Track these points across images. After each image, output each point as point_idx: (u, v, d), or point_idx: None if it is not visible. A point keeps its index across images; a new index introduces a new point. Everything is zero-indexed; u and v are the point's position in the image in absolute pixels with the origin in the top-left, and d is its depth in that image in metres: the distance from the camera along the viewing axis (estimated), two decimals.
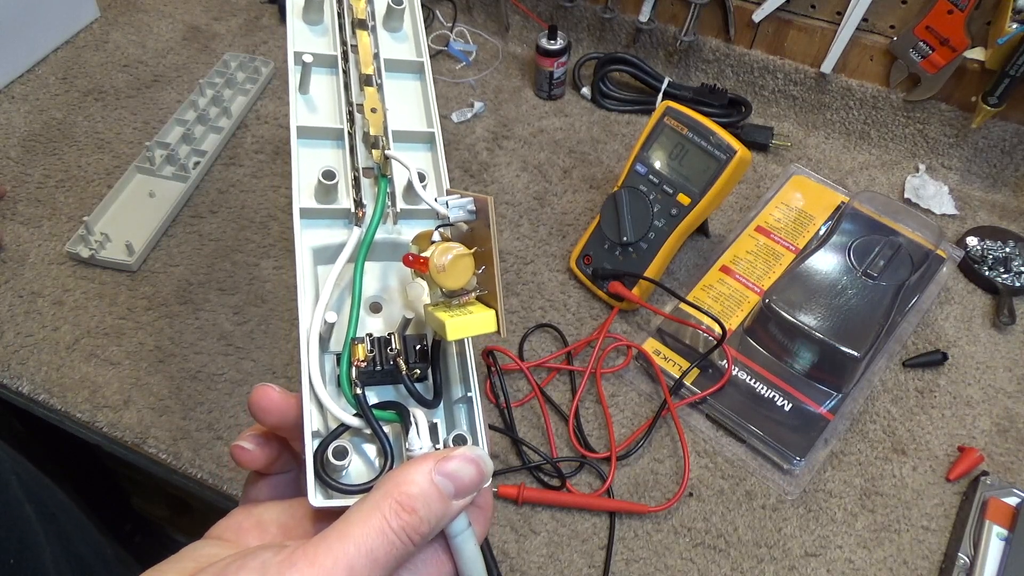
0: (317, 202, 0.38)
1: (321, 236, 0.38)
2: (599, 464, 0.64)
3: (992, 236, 0.79)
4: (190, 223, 0.80)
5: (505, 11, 0.99)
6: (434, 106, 0.42)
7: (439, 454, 0.30)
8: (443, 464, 0.29)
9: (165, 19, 1.03)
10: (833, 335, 0.65)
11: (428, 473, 0.29)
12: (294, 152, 0.39)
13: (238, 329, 0.72)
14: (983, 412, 0.68)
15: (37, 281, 0.75)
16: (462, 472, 0.29)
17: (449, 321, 0.32)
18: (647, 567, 0.59)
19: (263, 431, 0.35)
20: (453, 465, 0.29)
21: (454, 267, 0.33)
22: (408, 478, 0.28)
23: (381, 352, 0.35)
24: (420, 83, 0.44)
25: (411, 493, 0.28)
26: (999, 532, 0.59)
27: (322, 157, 0.40)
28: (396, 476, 0.29)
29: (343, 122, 0.40)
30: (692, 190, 0.70)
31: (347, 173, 0.39)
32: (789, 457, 0.63)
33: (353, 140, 0.40)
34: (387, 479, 0.29)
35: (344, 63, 0.42)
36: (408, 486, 0.28)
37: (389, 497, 0.28)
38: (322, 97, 0.42)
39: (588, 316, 0.74)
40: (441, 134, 0.42)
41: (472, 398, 0.36)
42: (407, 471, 0.29)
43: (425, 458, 0.30)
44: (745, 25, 0.89)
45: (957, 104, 0.84)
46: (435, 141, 0.42)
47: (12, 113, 0.90)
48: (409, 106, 0.43)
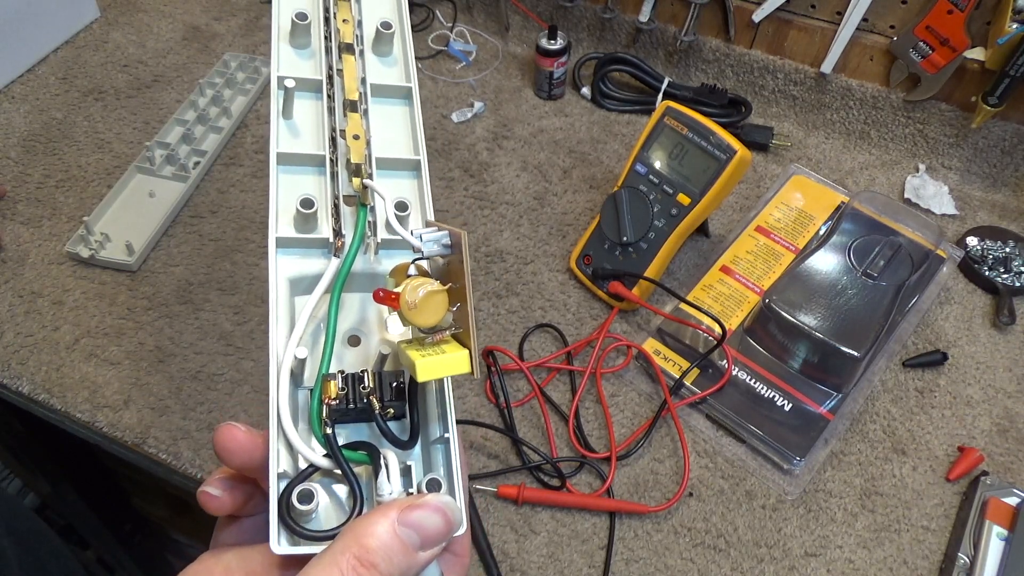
0: (296, 231, 0.37)
1: (298, 266, 0.37)
2: (599, 464, 0.64)
3: (992, 236, 0.79)
4: (190, 223, 0.80)
5: (505, 11, 0.99)
6: (421, 133, 0.41)
7: (404, 502, 0.28)
8: (407, 514, 0.27)
9: (165, 19, 1.03)
10: (833, 335, 0.65)
11: (391, 524, 0.27)
12: (272, 179, 0.37)
13: (238, 329, 0.72)
14: (983, 412, 0.68)
15: (37, 281, 0.75)
16: (427, 523, 0.27)
17: (420, 361, 0.31)
18: (647, 567, 0.59)
19: (231, 473, 0.33)
20: (418, 515, 0.27)
21: (426, 304, 0.32)
22: (369, 530, 0.27)
23: (354, 389, 0.33)
24: (408, 109, 0.42)
25: (370, 547, 0.26)
26: (999, 532, 0.59)
27: (303, 184, 0.38)
28: (357, 527, 0.27)
29: (325, 148, 0.39)
30: (692, 190, 0.70)
31: (327, 201, 0.38)
32: (789, 457, 0.63)
33: (335, 167, 0.39)
34: (348, 529, 0.27)
35: (329, 87, 0.41)
36: (368, 539, 0.26)
37: (348, 551, 0.26)
38: (305, 122, 0.40)
39: (588, 316, 0.74)
40: (427, 162, 0.40)
41: (449, 439, 0.34)
42: (368, 522, 0.27)
43: (388, 507, 0.28)
44: (745, 25, 0.89)
45: (957, 104, 0.84)
46: (420, 169, 0.40)
47: (12, 113, 0.90)
48: (395, 132, 0.42)
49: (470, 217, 0.82)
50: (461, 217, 0.82)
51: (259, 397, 0.67)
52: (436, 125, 0.91)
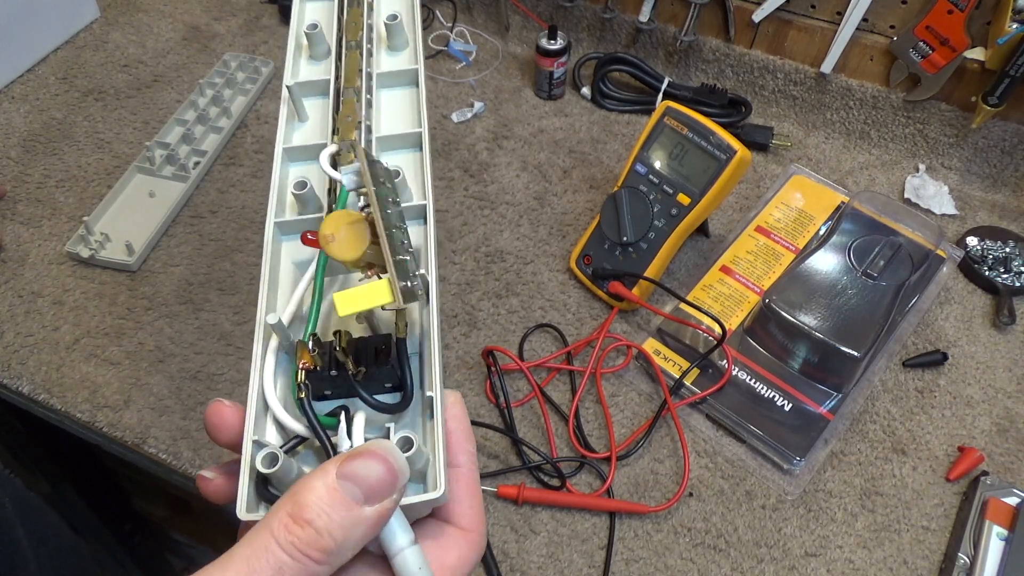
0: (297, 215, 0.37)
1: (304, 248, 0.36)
2: (599, 464, 0.64)
3: (992, 236, 0.79)
4: (190, 223, 0.80)
5: (505, 11, 0.99)
6: (423, 107, 0.42)
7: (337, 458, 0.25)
8: (345, 465, 0.24)
9: (165, 19, 1.03)
10: (833, 335, 0.65)
11: (328, 476, 0.24)
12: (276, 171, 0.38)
13: (238, 329, 0.72)
14: (983, 412, 0.68)
15: (37, 281, 0.75)
16: (365, 471, 0.24)
17: (338, 295, 0.29)
18: (647, 567, 0.59)
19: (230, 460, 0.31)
20: (355, 465, 0.24)
21: (345, 236, 0.29)
22: (305, 484, 0.24)
23: (329, 356, 0.31)
24: (414, 90, 0.44)
25: (305, 502, 0.23)
26: (999, 532, 0.59)
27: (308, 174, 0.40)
28: (295, 486, 0.24)
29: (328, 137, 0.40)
30: (692, 190, 0.70)
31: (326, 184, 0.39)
32: (789, 457, 0.63)
33: None
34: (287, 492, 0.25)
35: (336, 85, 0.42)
36: (302, 494, 0.24)
37: (281, 509, 0.24)
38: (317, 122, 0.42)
39: (588, 316, 0.74)
40: (428, 132, 0.41)
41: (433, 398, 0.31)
42: (306, 478, 0.24)
43: (329, 463, 0.25)
44: (745, 25, 0.89)
45: (957, 104, 0.84)
46: (422, 140, 0.41)
47: (12, 113, 0.90)
48: (401, 112, 0.43)
49: (470, 217, 0.82)
50: (461, 217, 0.82)
51: None
52: (436, 125, 0.91)
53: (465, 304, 0.75)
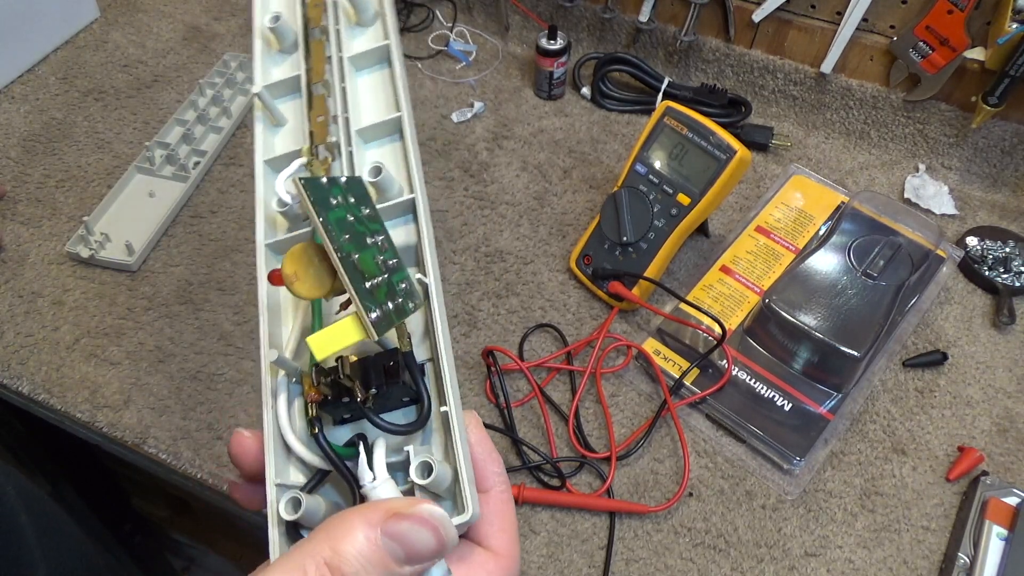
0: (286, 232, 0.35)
1: None
2: (599, 464, 0.64)
3: (992, 236, 0.79)
4: (190, 223, 0.80)
5: (505, 11, 0.99)
6: (400, 87, 0.38)
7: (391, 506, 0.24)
8: (393, 524, 0.23)
9: (165, 19, 1.03)
10: (833, 335, 0.65)
11: (370, 529, 0.23)
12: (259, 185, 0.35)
13: (238, 329, 0.72)
14: (983, 412, 0.68)
15: (37, 281, 0.75)
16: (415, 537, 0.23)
17: (311, 339, 0.27)
18: (647, 567, 0.59)
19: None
20: (405, 527, 0.23)
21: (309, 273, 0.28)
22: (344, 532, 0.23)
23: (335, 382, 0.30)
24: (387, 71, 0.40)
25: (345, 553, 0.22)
26: (999, 532, 0.59)
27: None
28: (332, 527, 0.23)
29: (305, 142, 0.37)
30: (692, 190, 0.70)
31: None
32: (789, 457, 0.63)
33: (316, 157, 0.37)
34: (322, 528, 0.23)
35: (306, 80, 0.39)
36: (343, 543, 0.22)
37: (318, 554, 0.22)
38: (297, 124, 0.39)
39: (588, 316, 0.74)
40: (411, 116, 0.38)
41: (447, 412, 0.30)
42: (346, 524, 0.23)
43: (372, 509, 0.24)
44: (745, 25, 0.89)
45: (957, 104, 0.84)
46: (403, 126, 0.38)
47: (12, 113, 0.90)
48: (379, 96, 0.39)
49: (470, 217, 0.82)
50: (461, 217, 0.82)
51: (259, 397, 0.67)
52: (436, 125, 0.91)
53: (465, 304, 0.75)
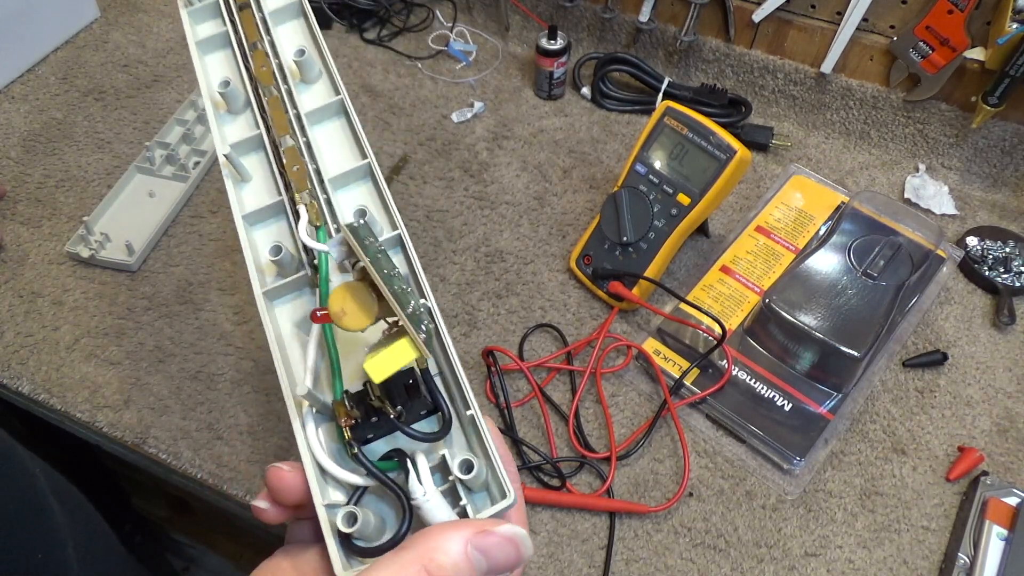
0: (279, 278, 0.38)
1: (297, 309, 0.38)
2: (599, 464, 0.64)
3: (992, 236, 0.79)
4: (190, 223, 0.80)
5: (505, 11, 0.99)
6: (363, 137, 0.42)
7: (479, 524, 0.28)
8: (482, 539, 0.27)
9: (165, 19, 1.03)
10: (833, 335, 0.65)
11: (463, 543, 0.27)
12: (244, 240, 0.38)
13: (238, 329, 0.72)
14: (983, 412, 0.68)
15: (37, 281, 0.75)
16: (499, 552, 0.27)
17: (368, 363, 0.30)
18: (647, 567, 0.59)
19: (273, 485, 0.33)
20: (492, 542, 0.27)
21: (354, 307, 0.31)
22: (441, 545, 0.27)
23: (364, 404, 0.33)
24: (344, 120, 0.43)
25: (441, 564, 0.26)
26: (999, 532, 0.59)
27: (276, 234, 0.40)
28: (428, 540, 0.27)
29: (281, 192, 0.40)
30: (692, 190, 0.70)
31: (297, 242, 0.38)
32: (789, 457, 0.63)
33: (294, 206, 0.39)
34: (418, 541, 0.27)
35: (269, 137, 0.42)
36: (440, 555, 0.26)
37: (418, 563, 0.26)
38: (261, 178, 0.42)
39: (588, 316, 0.74)
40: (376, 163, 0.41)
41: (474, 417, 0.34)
42: (441, 537, 0.27)
43: (462, 525, 0.28)
44: (745, 25, 0.89)
45: (957, 104, 0.84)
46: (372, 172, 0.41)
47: (12, 113, 0.90)
48: (342, 147, 0.43)
49: (470, 217, 0.82)
50: (461, 217, 0.82)
51: (259, 397, 0.67)
52: (436, 125, 0.91)
53: (465, 304, 0.75)
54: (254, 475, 0.63)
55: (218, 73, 0.45)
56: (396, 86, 0.95)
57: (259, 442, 0.65)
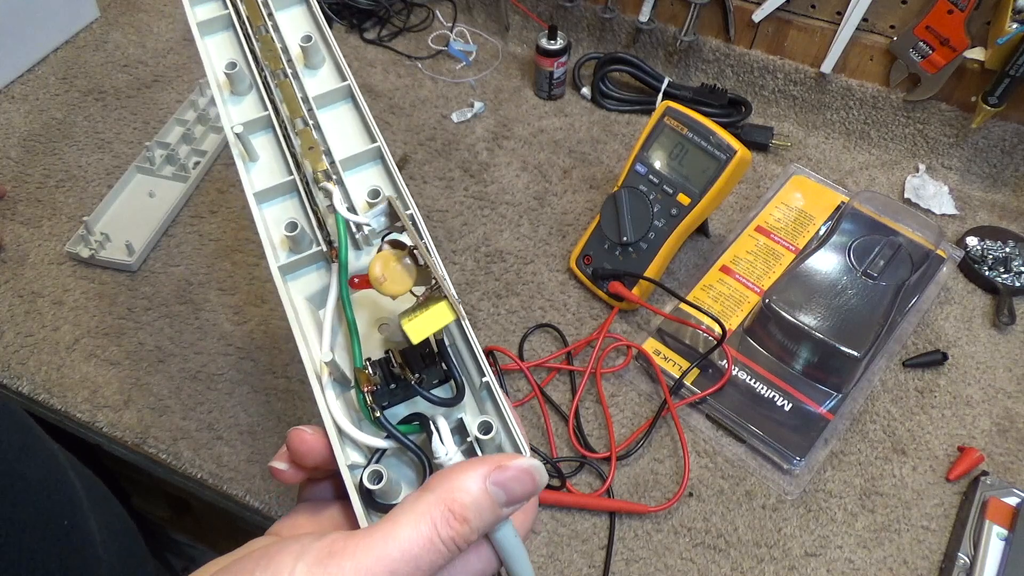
0: (291, 254, 0.39)
1: (310, 283, 0.39)
2: (599, 464, 0.64)
3: (992, 236, 0.79)
4: (190, 223, 0.80)
5: (505, 11, 0.99)
6: (371, 121, 0.43)
7: (494, 460, 0.29)
8: (499, 474, 0.28)
9: (165, 19, 1.03)
10: (833, 335, 0.65)
11: (482, 480, 0.28)
12: (257, 217, 0.40)
13: (238, 329, 0.72)
14: (983, 412, 0.68)
15: (37, 281, 0.75)
16: (517, 484, 0.29)
17: (407, 325, 0.33)
18: (647, 567, 0.59)
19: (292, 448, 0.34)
20: (510, 475, 0.28)
21: (392, 273, 0.33)
22: (460, 484, 0.28)
23: (386, 371, 0.35)
24: (352, 105, 0.44)
25: (464, 502, 0.27)
26: (999, 532, 0.59)
27: (286, 211, 0.41)
28: (448, 480, 0.28)
29: (292, 171, 0.41)
30: (692, 190, 0.70)
31: (309, 217, 0.40)
32: (789, 457, 0.63)
33: (307, 184, 0.41)
34: (438, 482, 0.28)
35: (277, 119, 0.43)
36: (460, 493, 0.27)
37: (441, 503, 0.27)
38: (269, 157, 0.43)
39: (588, 316, 0.74)
40: (385, 146, 0.42)
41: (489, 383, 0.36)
42: (459, 476, 0.28)
43: (478, 463, 0.29)
44: (745, 25, 0.89)
45: (957, 104, 0.84)
46: (383, 155, 0.42)
47: (12, 113, 0.90)
48: (350, 131, 0.44)
49: (470, 217, 0.82)
50: (461, 217, 0.82)
51: (259, 397, 0.67)
52: (436, 125, 0.91)
53: (465, 304, 0.75)
54: (254, 475, 0.63)
55: (222, 55, 0.46)
56: (396, 86, 0.95)
57: (259, 442, 0.65)
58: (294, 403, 0.67)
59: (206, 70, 0.45)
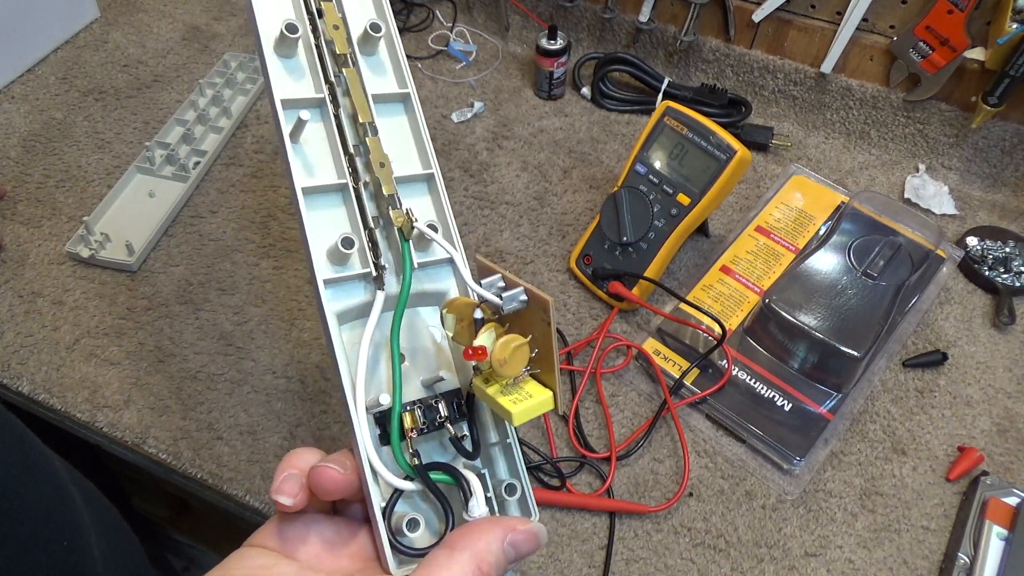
0: (332, 264, 0.36)
1: (342, 301, 0.37)
2: (599, 464, 0.64)
3: (992, 236, 0.79)
4: (190, 223, 0.80)
5: (505, 11, 0.99)
6: (428, 141, 0.40)
7: (509, 523, 0.32)
8: (514, 536, 0.32)
9: (165, 19, 1.03)
10: (833, 335, 0.65)
11: (501, 542, 0.31)
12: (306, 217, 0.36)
13: (238, 329, 0.72)
14: (983, 412, 0.68)
15: (37, 281, 0.75)
16: (525, 545, 0.32)
17: (514, 409, 0.34)
18: (647, 567, 0.59)
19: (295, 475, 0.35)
20: (522, 538, 0.32)
21: (515, 358, 0.34)
22: (487, 546, 0.31)
23: (428, 417, 0.36)
24: (407, 117, 0.41)
25: (489, 561, 0.31)
26: (999, 532, 0.59)
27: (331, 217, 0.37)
28: (475, 539, 0.31)
29: (346, 175, 0.38)
30: (692, 190, 0.70)
31: (362, 234, 0.37)
32: (789, 457, 0.63)
33: (359, 194, 0.37)
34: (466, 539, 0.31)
35: (333, 106, 0.38)
36: (487, 554, 0.31)
37: (474, 565, 0.30)
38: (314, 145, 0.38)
39: (588, 316, 0.74)
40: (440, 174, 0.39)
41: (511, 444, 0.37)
42: (485, 536, 0.31)
43: (497, 524, 0.32)
44: (745, 25, 0.89)
45: (957, 104, 0.84)
46: (435, 181, 0.40)
47: (12, 113, 0.90)
48: (400, 144, 0.40)
49: (470, 217, 0.82)
50: (461, 217, 0.82)
51: (259, 397, 0.67)
52: (436, 125, 0.91)
53: None
54: (254, 475, 0.63)
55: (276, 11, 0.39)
56: None
57: (259, 442, 0.65)
58: (294, 403, 0.67)
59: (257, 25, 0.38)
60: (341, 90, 0.39)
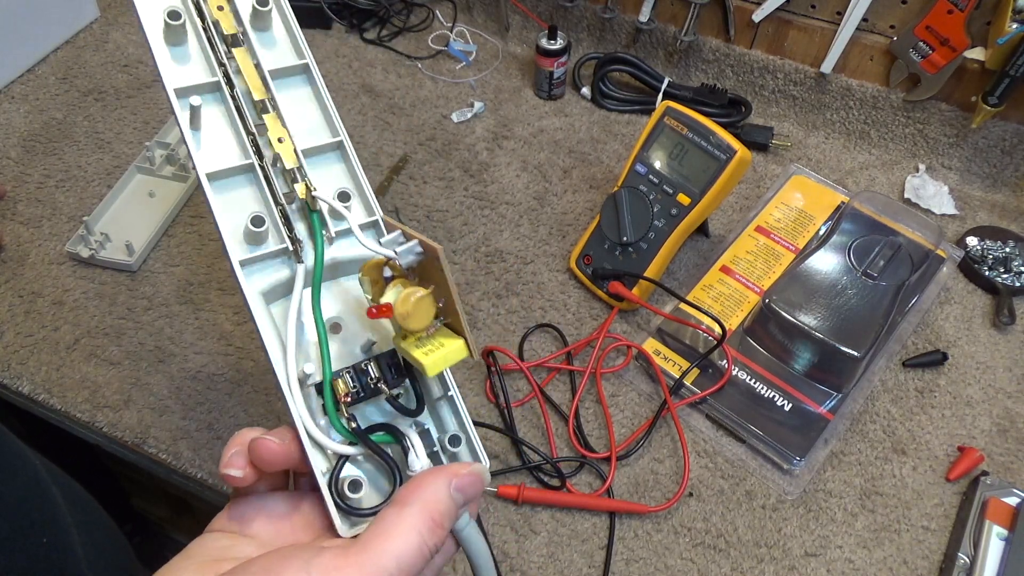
0: (248, 244, 0.37)
1: (265, 279, 0.38)
2: (599, 464, 0.64)
3: (992, 236, 0.79)
4: (190, 223, 0.80)
5: (505, 11, 0.99)
6: (332, 109, 0.40)
7: (450, 469, 0.33)
8: (459, 480, 0.33)
9: None
10: (833, 335, 0.65)
11: (447, 488, 0.32)
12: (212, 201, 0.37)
13: (238, 329, 0.72)
14: (983, 412, 0.68)
15: (37, 281, 0.75)
16: (471, 487, 0.33)
17: (425, 360, 0.34)
18: (647, 567, 0.59)
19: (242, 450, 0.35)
20: (467, 481, 0.33)
21: (417, 310, 0.34)
22: (434, 495, 0.32)
23: (361, 381, 0.36)
24: (312, 88, 0.41)
25: (440, 511, 0.31)
26: (999, 532, 0.59)
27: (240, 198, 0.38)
28: (423, 491, 0.32)
29: (250, 155, 0.38)
30: (692, 190, 0.70)
31: (273, 211, 0.38)
32: (789, 457, 0.63)
33: (266, 171, 0.38)
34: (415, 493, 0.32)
35: (229, 88, 0.38)
36: (437, 504, 0.31)
37: (425, 515, 0.31)
38: (215, 129, 0.38)
39: (588, 316, 0.74)
40: (349, 140, 0.39)
41: (452, 396, 0.38)
42: (432, 487, 0.32)
43: (440, 472, 0.33)
44: (745, 25, 0.89)
45: (957, 104, 0.84)
46: (344, 148, 0.40)
47: (12, 113, 0.90)
48: (306, 116, 0.40)
49: (470, 217, 0.82)
50: (461, 217, 0.82)
51: (259, 397, 0.67)
52: (436, 125, 0.91)
53: (465, 304, 0.75)
54: None
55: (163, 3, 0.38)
56: (396, 86, 0.95)
57: None
58: None
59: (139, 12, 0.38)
60: (234, 70, 0.39)
